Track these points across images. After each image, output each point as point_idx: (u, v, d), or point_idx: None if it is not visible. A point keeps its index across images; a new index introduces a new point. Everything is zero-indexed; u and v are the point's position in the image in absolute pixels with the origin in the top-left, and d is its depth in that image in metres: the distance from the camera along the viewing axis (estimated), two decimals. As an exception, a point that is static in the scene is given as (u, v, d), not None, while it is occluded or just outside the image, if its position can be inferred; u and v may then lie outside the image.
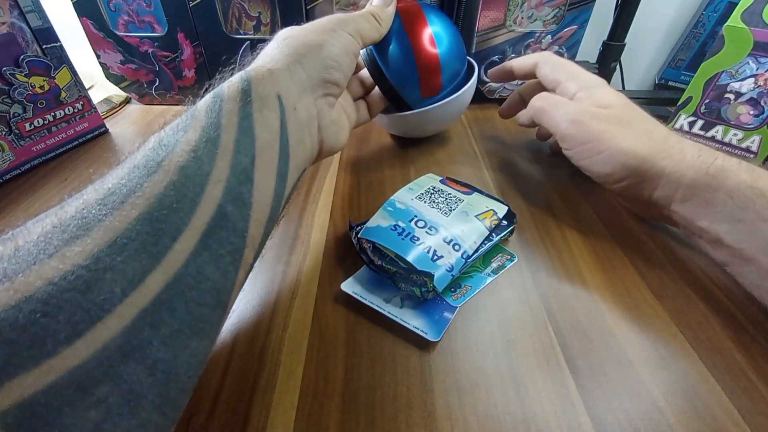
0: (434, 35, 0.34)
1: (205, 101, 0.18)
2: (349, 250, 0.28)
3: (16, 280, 0.11)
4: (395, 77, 0.34)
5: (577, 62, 0.53)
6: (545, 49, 0.50)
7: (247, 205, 0.17)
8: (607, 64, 0.52)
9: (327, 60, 0.23)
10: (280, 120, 0.19)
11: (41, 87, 0.37)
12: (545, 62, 0.33)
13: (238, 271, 0.16)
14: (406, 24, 0.33)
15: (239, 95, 0.18)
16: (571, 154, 0.29)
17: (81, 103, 0.41)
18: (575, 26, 0.48)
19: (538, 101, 0.31)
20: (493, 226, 0.27)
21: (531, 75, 0.34)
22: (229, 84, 0.19)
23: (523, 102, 0.38)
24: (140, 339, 0.12)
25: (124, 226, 0.13)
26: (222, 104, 0.18)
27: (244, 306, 0.24)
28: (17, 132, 0.36)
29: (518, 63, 0.35)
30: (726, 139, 0.42)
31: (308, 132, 0.22)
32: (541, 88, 0.34)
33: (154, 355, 0.12)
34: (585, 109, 0.28)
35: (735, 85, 0.42)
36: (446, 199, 0.28)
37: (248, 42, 0.46)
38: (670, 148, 0.25)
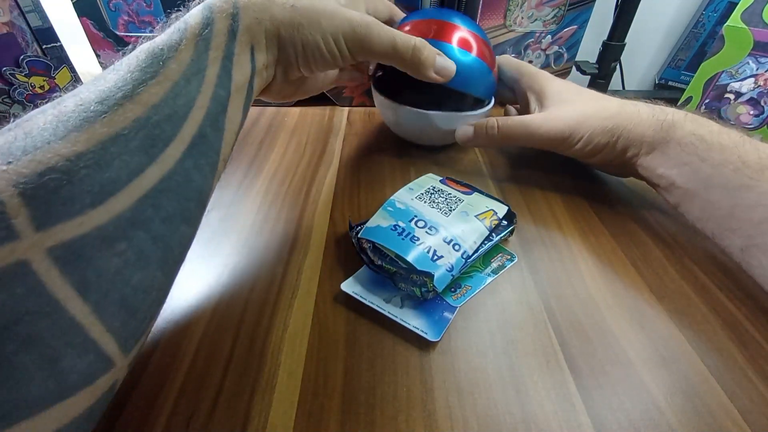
0: (470, 32, 0.34)
1: (194, 20, 0.19)
2: (349, 250, 0.28)
3: (38, 154, 0.13)
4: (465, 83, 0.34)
5: (578, 62, 0.53)
6: (545, 49, 0.50)
7: (221, 130, 0.20)
8: (607, 64, 0.52)
9: (300, 47, 0.24)
10: (250, 69, 0.22)
11: (41, 87, 0.37)
12: (507, 64, 0.38)
13: (214, 179, 0.20)
14: (445, 35, 0.33)
15: (227, 31, 0.20)
16: (558, 151, 0.33)
17: (81, 103, 0.41)
18: (575, 26, 0.48)
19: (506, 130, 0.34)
20: (493, 226, 0.27)
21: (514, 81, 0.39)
22: (218, 12, 0.20)
23: None
24: (145, 215, 0.15)
25: (123, 124, 0.15)
26: (211, 36, 0.20)
27: (244, 306, 0.24)
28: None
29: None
30: (726, 139, 0.42)
31: (263, 80, 0.25)
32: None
33: (155, 229, 0.16)
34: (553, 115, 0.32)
35: (735, 85, 0.42)
36: (446, 199, 0.28)
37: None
38: (629, 115, 0.29)
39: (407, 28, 0.34)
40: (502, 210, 0.28)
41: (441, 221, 0.26)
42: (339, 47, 0.25)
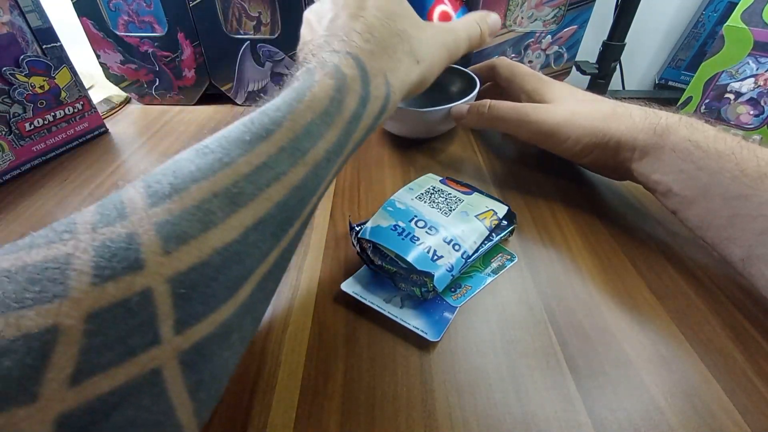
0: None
1: (351, 97, 0.18)
2: (349, 250, 0.28)
3: (195, 245, 0.12)
4: None
5: (578, 62, 0.53)
6: (545, 49, 0.50)
7: (319, 195, 0.18)
8: (607, 64, 0.52)
9: (426, 83, 0.26)
10: (374, 123, 0.21)
11: (41, 87, 0.37)
12: (501, 65, 0.38)
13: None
14: None
15: (378, 113, 0.20)
16: (546, 147, 0.33)
17: (81, 103, 0.41)
18: (575, 26, 0.48)
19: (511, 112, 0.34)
20: (493, 226, 0.27)
21: (490, 77, 0.40)
22: (374, 93, 0.20)
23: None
24: (256, 299, 0.15)
25: (265, 210, 0.14)
26: (363, 114, 0.19)
27: (244, 306, 0.24)
28: (17, 132, 0.36)
29: (477, 66, 0.41)
30: (726, 139, 0.42)
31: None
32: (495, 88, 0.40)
33: (258, 310, 0.16)
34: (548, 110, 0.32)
35: (735, 85, 0.42)
36: (446, 199, 0.28)
37: (248, 42, 0.46)
38: (620, 117, 0.28)
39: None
40: (502, 210, 0.28)
41: (441, 221, 0.26)
42: (443, 66, 0.27)
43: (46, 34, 0.37)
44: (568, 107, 0.31)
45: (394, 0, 0.24)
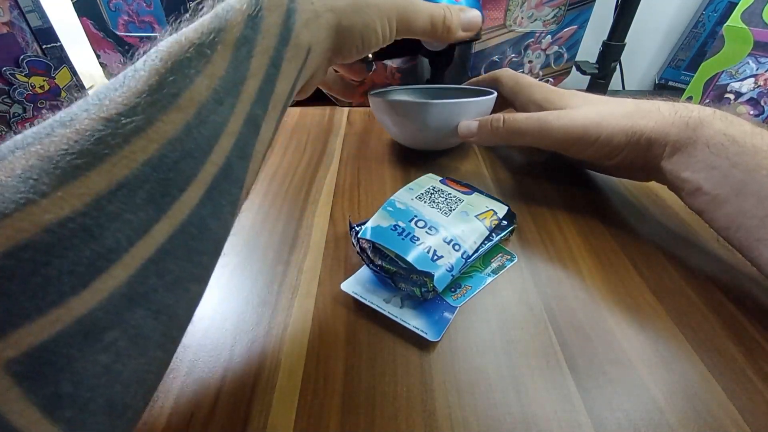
0: None
1: (237, 15, 0.15)
2: (349, 250, 0.28)
3: (7, 225, 0.10)
4: None
5: (578, 62, 0.53)
6: (545, 49, 0.50)
7: (248, 157, 0.16)
8: (607, 64, 0.52)
9: (358, 38, 0.21)
10: (297, 73, 0.18)
11: (41, 87, 0.37)
12: (505, 77, 0.37)
13: (233, 218, 0.16)
14: None
15: (279, 32, 0.16)
16: (571, 153, 0.31)
17: (81, 103, 0.41)
18: (575, 26, 0.48)
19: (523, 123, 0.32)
20: (493, 226, 0.27)
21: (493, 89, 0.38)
22: (269, 6, 0.16)
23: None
24: (146, 287, 0.12)
25: (127, 171, 0.12)
26: (256, 37, 0.15)
27: (244, 306, 0.24)
28: (17, 132, 0.36)
29: (479, 79, 0.40)
30: (726, 139, 0.42)
31: (304, 83, 0.21)
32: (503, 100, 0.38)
33: (158, 300, 0.12)
34: (566, 115, 0.30)
35: (735, 85, 0.42)
36: (446, 199, 0.28)
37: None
38: (648, 113, 0.27)
39: None
40: (502, 210, 0.28)
41: (441, 221, 0.26)
42: (390, 27, 0.23)
43: (46, 34, 0.37)
44: (592, 109, 0.29)
45: None
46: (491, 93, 0.36)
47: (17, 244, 0.10)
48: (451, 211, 0.27)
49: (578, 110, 0.30)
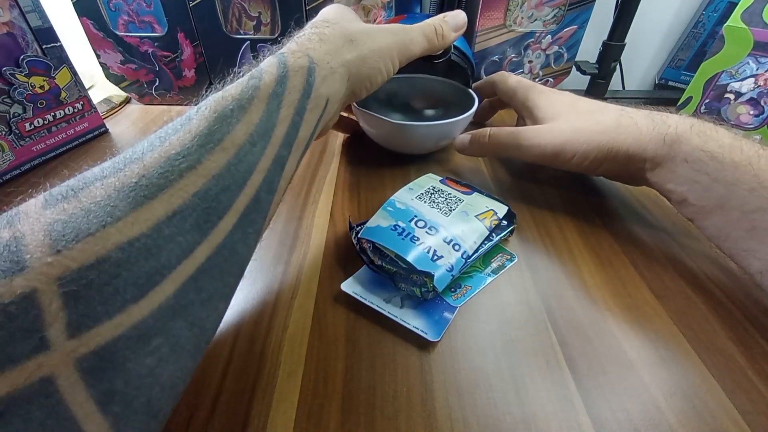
0: None
1: (269, 77, 0.18)
2: (349, 250, 0.28)
3: (90, 242, 0.11)
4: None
5: (578, 62, 0.53)
6: (545, 49, 0.50)
7: (274, 192, 0.18)
8: (607, 64, 0.52)
9: (366, 81, 0.25)
10: (317, 120, 0.21)
11: (41, 87, 0.37)
12: (500, 81, 0.38)
13: (256, 245, 0.18)
14: None
15: (302, 87, 0.19)
16: (553, 166, 0.32)
17: (81, 103, 0.41)
18: (575, 26, 0.48)
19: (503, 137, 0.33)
20: (493, 226, 0.27)
21: (492, 92, 0.40)
22: (295, 69, 0.19)
23: (492, 109, 0.45)
24: (186, 301, 0.14)
25: (182, 201, 0.14)
26: (284, 92, 0.18)
27: (244, 306, 0.24)
28: (17, 132, 0.36)
29: (479, 84, 0.42)
30: (726, 139, 0.42)
31: (323, 128, 0.24)
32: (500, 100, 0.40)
33: (194, 314, 0.14)
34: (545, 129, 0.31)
35: (735, 85, 0.42)
36: (446, 199, 0.28)
37: (248, 42, 0.46)
38: (626, 128, 0.27)
39: None
40: (502, 210, 0.28)
41: (441, 221, 0.26)
42: (393, 63, 0.26)
43: (46, 34, 0.37)
44: (570, 124, 0.30)
45: (336, 8, 0.27)
46: (471, 98, 0.38)
47: (98, 258, 0.11)
48: (451, 211, 0.27)
49: (558, 125, 0.31)
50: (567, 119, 0.31)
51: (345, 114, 0.40)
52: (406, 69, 0.43)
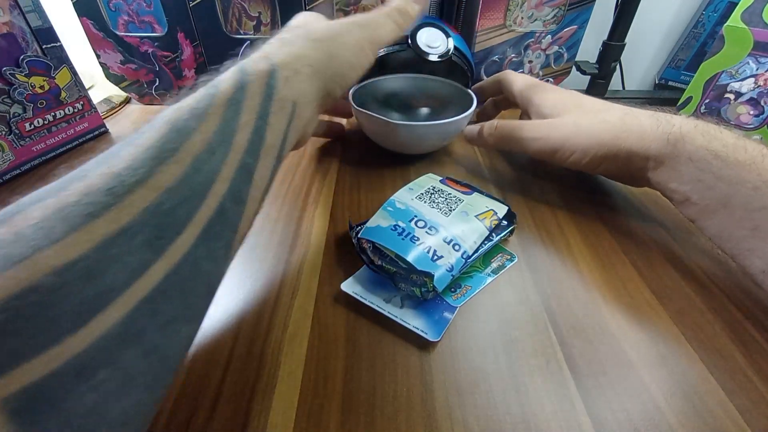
0: None
1: (226, 84, 0.17)
2: (349, 250, 0.28)
3: (20, 269, 0.10)
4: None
5: (578, 62, 0.53)
6: (545, 49, 0.50)
7: (242, 203, 0.17)
8: (607, 64, 0.52)
9: (339, 78, 0.24)
10: (287, 126, 0.20)
11: (41, 87, 0.37)
12: (506, 80, 0.38)
13: (227, 262, 0.17)
14: None
15: (263, 91, 0.18)
16: (553, 162, 0.32)
17: (81, 103, 0.41)
18: (575, 26, 0.48)
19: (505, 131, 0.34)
20: (493, 226, 0.27)
21: (498, 91, 0.40)
22: (254, 73, 0.18)
23: (496, 109, 0.44)
24: (138, 327, 0.12)
25: (130, 217, 0.13)
26: (244, 98, 0.18)
27: (244, 306, 0.24)
28: (17, 132, 0.36)
29: (484, 83, 0.42)
30: (726, 139, 0.42)
31: (298, 135, 0.23)
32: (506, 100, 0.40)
33: (149, 341, 0.13)
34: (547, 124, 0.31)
35: (735, 85, 0.42)
36: (446, 199, 0.28)
37: (248, 42, 0.46)
38: (629, 127, 0.27)
39: None
40: (502, 210, 0.28)
41: (441, 221, 0.26)
42: (366, 55, 0.26)
43: (46, 34, 0.37)
44: (572, 120, 0.30)
45: (303, 15, 0.26)
46: (470, 98, 0.38)
47: (25, 287, 0.10)
48: (451, 211, 0.27)
49: (561, 121, 0.31)
50: (570, 116, 0.31)
51: (327, 118, 0.40)
52: (406, 69, 0.43)
